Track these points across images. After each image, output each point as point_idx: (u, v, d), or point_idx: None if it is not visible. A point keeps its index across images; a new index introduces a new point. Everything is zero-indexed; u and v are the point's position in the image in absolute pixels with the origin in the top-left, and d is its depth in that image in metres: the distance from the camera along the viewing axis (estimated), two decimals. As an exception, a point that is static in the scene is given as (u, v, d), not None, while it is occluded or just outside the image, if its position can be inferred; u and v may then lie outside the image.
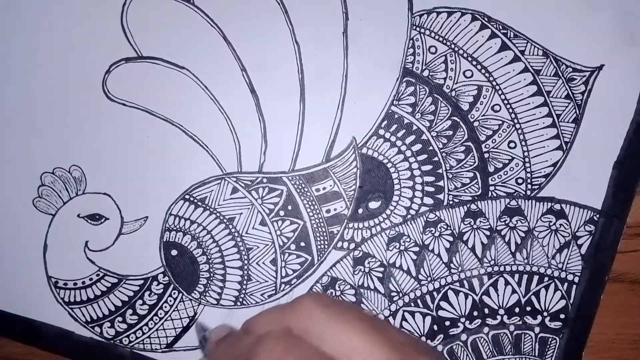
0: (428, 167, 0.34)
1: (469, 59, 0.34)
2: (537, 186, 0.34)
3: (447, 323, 0.34)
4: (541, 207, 0.34)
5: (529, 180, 0.34)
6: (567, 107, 0.34)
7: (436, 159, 0.34)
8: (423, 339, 0.34)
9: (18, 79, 0.34)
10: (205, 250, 0.34)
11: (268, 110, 0.34)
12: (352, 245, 0.34)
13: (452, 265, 0.34)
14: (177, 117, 0.34)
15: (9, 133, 0.34)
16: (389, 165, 0.34)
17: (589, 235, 0.34)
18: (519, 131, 0.34)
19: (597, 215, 0.34)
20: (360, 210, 0.34)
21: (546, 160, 0.34)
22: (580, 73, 0.34)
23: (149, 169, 0.34)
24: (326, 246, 0.34)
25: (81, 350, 0.35)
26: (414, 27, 0.34)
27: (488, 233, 0.34)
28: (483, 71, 0.34)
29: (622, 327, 0.35)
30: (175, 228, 0.34)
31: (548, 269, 0.34)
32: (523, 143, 0.34)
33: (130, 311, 0.35)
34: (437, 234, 0.34)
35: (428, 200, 0.34)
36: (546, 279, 0.34)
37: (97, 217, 0.34)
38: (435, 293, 0.34)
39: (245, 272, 0.34)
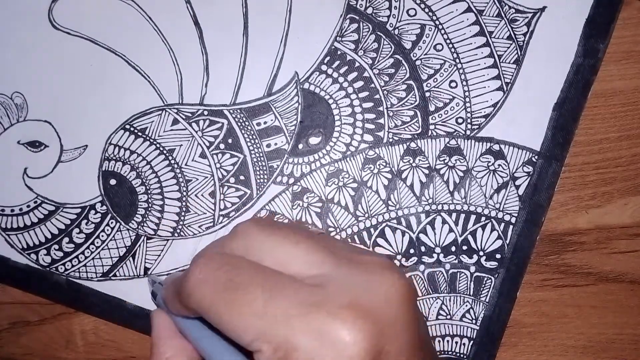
0: (369, 105, 0.34)
1: (412, -4, 0.34)
2: (477, 126, 0.34)
3: (384, 260, 0.34)
4: (480, 147, 0.34)
5: (469, 120, 0.34)
6: (508, 48, 0.34)
7: (377, 96, 0.34)
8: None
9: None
10: (144, 181, 0.34)
11: (210, 43, 0.34)
12: (292, 180, 0.34)
13: (390, 202, 0.34)
14: (121, 48, 0.34)
15: (-49, 58, 0.34)
16: (331, 101, 0.34)
17: (527, 176, 0.34)
18: (461, 71, 0.34)
19: (536, 157, 0.34)
20: (300, 146, 0.34)
21: (487, 100, 0.34)
22: (522, 14, 0.34)
23: (91, 98, 0.34)
24: (265, 180, 0.34)
25: (17, 277, 0.35)
26: (358, -37, 0.34)
27: (427, 172, 0.34)
28: (427, 10, 0.34)
29: (622, 327, 0.35)
30: (114, 157, 0.34)
31: (485, 208, 0.34)
32: (464, 83, 0.34)
33: (66, 239, 0.34)
34: (375, 171, 0.34)
35: (368, 138, 0.34)
36: (483, 218, 0.34)
37: (37, 144, 0.34)
38: (372, 230, 0.34)
39: (184, 203, 0.34)
